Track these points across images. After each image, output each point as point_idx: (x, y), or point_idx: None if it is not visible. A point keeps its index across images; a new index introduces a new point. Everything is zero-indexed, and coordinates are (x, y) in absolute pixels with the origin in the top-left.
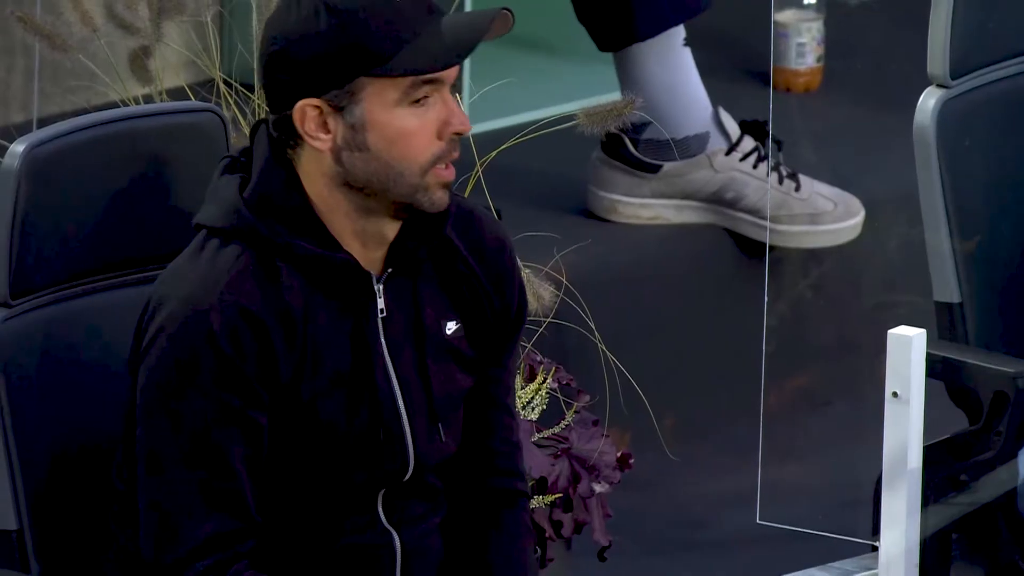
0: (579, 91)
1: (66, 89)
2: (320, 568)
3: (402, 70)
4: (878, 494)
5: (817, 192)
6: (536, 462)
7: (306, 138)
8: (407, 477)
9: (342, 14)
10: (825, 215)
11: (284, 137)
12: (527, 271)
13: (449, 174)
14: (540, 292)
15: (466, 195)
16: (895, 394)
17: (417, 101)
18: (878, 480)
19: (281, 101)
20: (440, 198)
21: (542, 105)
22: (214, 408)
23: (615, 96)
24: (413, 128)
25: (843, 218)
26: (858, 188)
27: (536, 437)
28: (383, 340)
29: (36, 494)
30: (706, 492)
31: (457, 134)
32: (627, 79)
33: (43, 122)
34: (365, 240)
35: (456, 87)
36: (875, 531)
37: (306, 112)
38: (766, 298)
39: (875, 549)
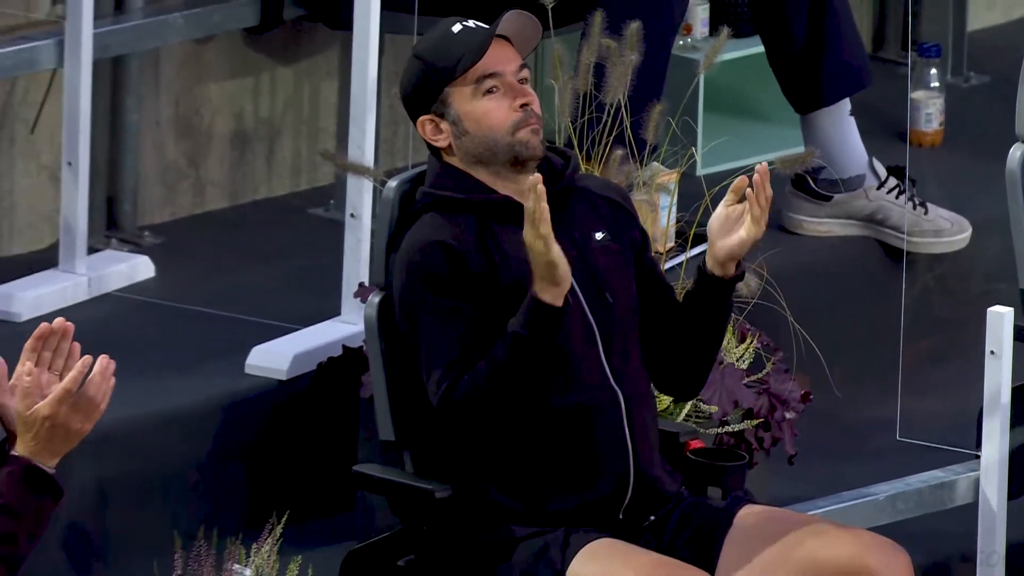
0: (776, 145)
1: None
2: (561, 427)
3: (461, 72)
4: (980, 420)
5: (939, 215)
6: (745, 397)
7: (431, 142)
8: (599, 335)
9: (424, 55)
10: (945, 231)
11: (433, 151)
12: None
13: (534, 125)
14: (749, 282)
15: (697, 220)
16: (992, 352)
17: (489, 91)
18: (980, 410)
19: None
20: (533, 143)
21: (751, 154)
22: (432, 303)
23: (800, 149)
24: (490, 108)
25: (957, 233)
26: (968, 212)
27: (746, 380)
28: None
29: (407, 414)
30: (863, 418)
31: (525, 104)
32: (809, 137)
33: (416, 167)
34: (516, 196)
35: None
36: (978, 445)
37: (425, 125)
38: (903, 287)
39: (978, 458)
